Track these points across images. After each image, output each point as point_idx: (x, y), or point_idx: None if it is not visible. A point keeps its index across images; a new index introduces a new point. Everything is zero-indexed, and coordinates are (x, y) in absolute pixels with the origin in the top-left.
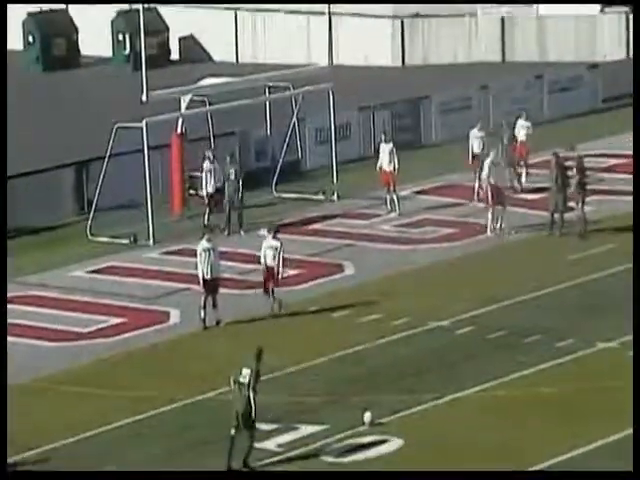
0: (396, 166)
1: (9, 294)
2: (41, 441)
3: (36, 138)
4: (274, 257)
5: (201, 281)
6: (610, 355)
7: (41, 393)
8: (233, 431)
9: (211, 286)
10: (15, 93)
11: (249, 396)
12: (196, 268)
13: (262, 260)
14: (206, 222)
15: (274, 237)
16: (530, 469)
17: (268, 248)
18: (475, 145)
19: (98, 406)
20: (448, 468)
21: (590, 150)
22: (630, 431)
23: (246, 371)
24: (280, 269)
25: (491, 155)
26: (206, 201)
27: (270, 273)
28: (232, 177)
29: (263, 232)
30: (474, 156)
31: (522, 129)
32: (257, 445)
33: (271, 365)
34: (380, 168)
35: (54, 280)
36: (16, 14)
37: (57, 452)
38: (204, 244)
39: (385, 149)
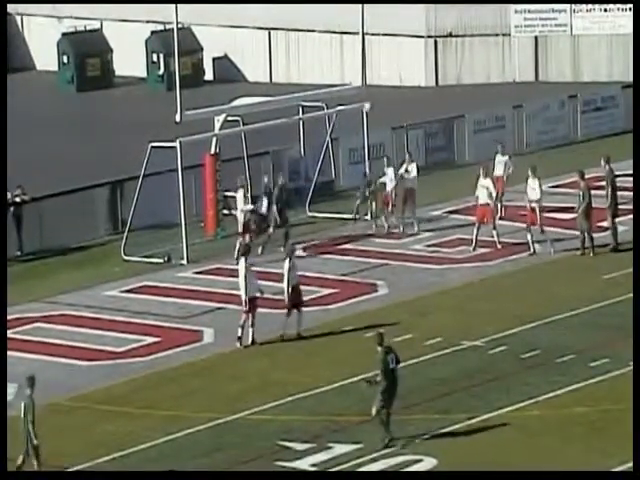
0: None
1: (43, 313)
2: (74, 460)
3: (70, 158)
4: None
5: (245, 301)
6: None
7: (75, 412)
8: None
9: (251, 305)
10: (50, 113)
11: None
12: (234, 287)
13: (286, 283)
14: (247, 243)
15: (290, 259)
16: None
17: (290, 269)
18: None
19: (131, 425)
20: None
21: (624, 170)
22: None
23: (391, 356)
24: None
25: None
26: (241, 228)
27: (297, 293)
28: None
29: (299, 252)
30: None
31: (498, 164)
32: (290, 465)
33: (304, 384)
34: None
35: (88, 299)
36: (50, 34)
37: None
38: (246, 264)
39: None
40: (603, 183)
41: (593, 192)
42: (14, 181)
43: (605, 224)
